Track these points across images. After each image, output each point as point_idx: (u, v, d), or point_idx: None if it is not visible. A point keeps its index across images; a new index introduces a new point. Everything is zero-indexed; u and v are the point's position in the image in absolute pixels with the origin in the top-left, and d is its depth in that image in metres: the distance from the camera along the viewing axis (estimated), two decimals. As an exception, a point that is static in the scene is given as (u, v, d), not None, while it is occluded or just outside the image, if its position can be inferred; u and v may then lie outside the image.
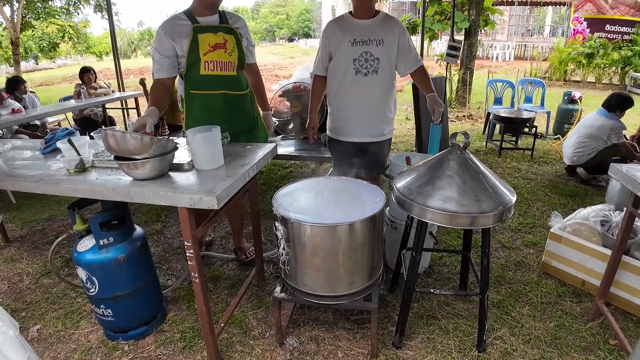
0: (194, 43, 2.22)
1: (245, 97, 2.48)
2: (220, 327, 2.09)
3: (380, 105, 2.56)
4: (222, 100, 2.36)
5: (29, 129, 5.39)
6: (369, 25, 2.44)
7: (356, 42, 2.42)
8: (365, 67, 2.44)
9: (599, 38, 11.98)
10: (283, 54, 27.94)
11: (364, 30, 2.43)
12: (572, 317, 2.30)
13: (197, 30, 2.23)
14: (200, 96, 2.35)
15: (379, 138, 2.63)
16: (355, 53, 2.43)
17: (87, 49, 30.70)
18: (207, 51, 2.24)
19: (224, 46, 2.27)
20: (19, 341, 1.39)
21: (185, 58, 2.24)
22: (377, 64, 2.44)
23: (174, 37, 2.22)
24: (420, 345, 2.12)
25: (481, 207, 1.61)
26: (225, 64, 2.30)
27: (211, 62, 2.26)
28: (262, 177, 4.74)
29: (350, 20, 2.48)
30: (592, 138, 4.13)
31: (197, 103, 2.37)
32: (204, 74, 2.28)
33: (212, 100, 2.35)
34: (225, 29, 2.30)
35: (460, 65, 8.31)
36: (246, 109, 2.51)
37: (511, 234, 3.22)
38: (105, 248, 2.02)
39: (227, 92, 2.36)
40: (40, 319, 2.45)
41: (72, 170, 1.95)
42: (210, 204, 1.52)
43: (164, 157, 1.69)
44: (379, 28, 2.43)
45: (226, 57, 2.29)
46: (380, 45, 2.42)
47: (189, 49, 2.22)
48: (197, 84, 2.32)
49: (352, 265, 1.82)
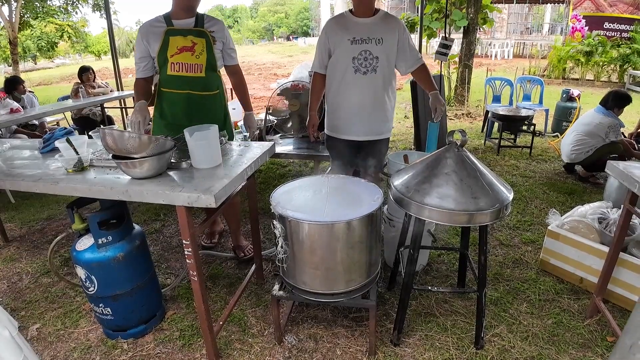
0: (164, 45, 2.40)
1: (212, 98, 2.59)
2: (219, 325, 2.09)
3: (379, 103, 2.56)
4: (185, 99, 2.51)
5: (28, 128, 5.39)
6: (369, 23, 2.45)
7: (355, 41, 2.43)
8: (365, 65, 2.45)
9: (598, 36, 11.98)
10: (282, 53, 27.91)
11: (364, 28, 2.43)
12: (570, 314, 2.31)
13: (169, 33, 2.40)
14: (167, 94, 2.52)
15: (377, 136, 2.64)
16: (354, 51, 2.44)
17: (86, 48, 30.63)
18: (174, 53, 2.41)
19: (191, 49, 2.42)
20: (14, 342, 1.38)
21: (156, 58, 2.45)
22: (376, 62, 2.45)
23: (149, 39, 2.43)
24: (419, 342, 2.12)
25: (478, 205, 1.62)
26: (192, 66, 2.44)
27: (177, 64, 2.42)
28: (261, 176, 4.75)
29: (350, 19, 2.49)
30: (590, 136, 4.13)
31: (164, 100, 2.56)
32: (170, 74, 2.45)
33: (176, 98, 2.51)
34: (196, 32, 2.44)
35: (459, 63, 8.31)
36: (211, 110, 2.61)
37: (509, 232, 3.23)
38: (104, 247, 2.03)
39: (190, 92, 2.50)
40: (39, 318, 2.45)
41: (70, 170, 1.96)
42: (208, 202, 1.53)
43: (162, 155, 1.69)
44: (378, 27, 2.44)
45: (193, 59, 2.43)
46: (380, 44, 2.43)
47: (159, 50, 2.41)
48: (165, 83, 2.50)
49: (350, 263, 1.82)
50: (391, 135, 2.79)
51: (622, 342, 1.43)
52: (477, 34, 8.28)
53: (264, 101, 4.49)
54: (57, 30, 19.43)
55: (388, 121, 2.67)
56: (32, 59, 25.77)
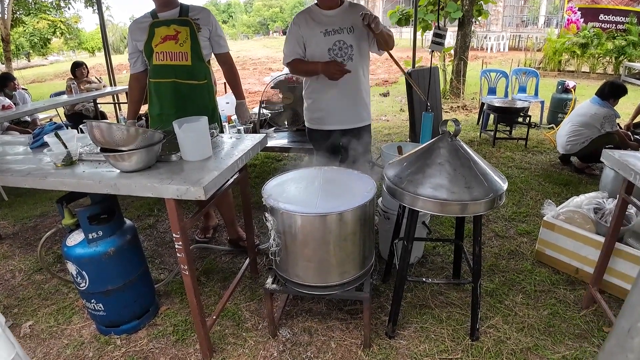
0: (149, 37, 2.46)
1: (200, 87, 2.59)
2: (212, 319, 2.07)
3: (358, 91, 2.59)
4: (171, 88, 2.53)
5: (20, 125, 5.34)
6: (338, 14, 2.47)
7: (328, 32, 2.45)
8: (341, 55, 2.47)
9: (593, 28, 11.94)
10: (277, 47, 27.66)
11: (334, 19, 2.46)
12: (566, 304, 2.30)
13: (154, 25, 2.46)
14: (154, 84, 2.57)
15: (359, 124, 2.67)
16: (329, 43, 2.46)
17: (80, 44, 30.34)
18: (157, 42, 2.45)
19: (174, 37, 2.44)
20: (5, 337, 1.36)
21: (143, 50, 2.50)
22: (351, 51, 2.47)
23: (136, 35, 2.49)
24: (414, 334, 2.11)
25: (472, 195, 1.60)
26: (176, 54, 2.46)
27: (161, 53, 2.46)
28: (255, 170, 4.71)
29: (318, 12, 2.50)
30: (585, 126, 4.12)
31: (152, 90, 2.60)
32: (156, 64, 2.50)
33: (162, 87, 2.55)
34: (179, 21, 2.46)
35: (454, 56, 8.27)
36: (199, 100, 2.61)
37: (505, 223, 3.22)
38: (94, 242, 2.00)
39: (176, 81, 2.51)
40: (32, 315, 2.43)
41: (59, 164, 1.93)
42: (197, 195, 1.50)
43: (150, 148, 1.66)
44: (347, 16, 2.46)
45: (177, 47, 2.45)
46: (352, 32, 2.45)
47: (145, 42, 2.47)
48: (153, 74, 2.55)
49: (343, 255, 1.80)
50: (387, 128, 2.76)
51: (619, 326, 1.39)
52: (472, 26, 8.24)
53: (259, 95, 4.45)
54: (49, 27, 19.25)
55: (367, 107, 2.69)
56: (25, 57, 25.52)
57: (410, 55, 6.00)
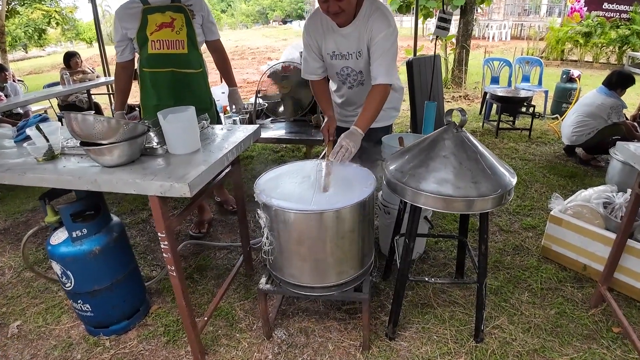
0: (142, 24, 2.32)
1: (196, 76, 2.52)
2: (203, 320, 1.98)
3: None
4: (170, 78, 2.44)
5: (12, 118, 5.22)
6: (348, 33, 2.03)
7: (335, 56, 2.14)
8: (349, 81, 2.24)
9: (597, 16, 11.73)
10: (276, 37, 27.42)
11: (342, 41, 2.07)
12: (573, 303, 2.21)
13: (147, 11, 2.32)
14: (150, 74, 2.45)
15: (385, 123, 2.45)
16: (335, 67, 2.20)
17: (77, 35, 30.03)
18: (153, 30, 2.33)
19: (170, 25, 2.34)
20: None
21: (135, 38, 2.37)
22: (361, 77, 2.19)
23: (126, 22, 2.36)
24: (415, 335, 2.02)
25: (479, 190, 1.48)
26: (173, 42, 2.37)
27: (157, 41, 2.35)
28: (252, 162, 4.60)
29: (328, 24, 2.07)
30: (592, 117, 4.00)
31: (147, 81, 2.48)
32: (151, 53, 2.38)
33: (160, 77, 2.44)
34: (174, 7, 2.35)
35: (456, 44, 8.11)
36: (197, 88, 2.55)
37: (509, 217, 3.11)
38: (79, 240, 1.90)
39: (174, 70, 2.43)
40: (20, 315, 2.35)
41: (40, 159, 1.81)
42: (182, 192, 1.39)
43: (133, 141, 1.55)
44: (357, 36, 2.01)
45: (173, 35, 2.35)
46: (360, 57, 2.07)
47: (138, 29, 2.33)
48: (147, 63, 2.43)
49: (340, 254, 1.69)
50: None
51: None
52: (474, 14, 8.06)
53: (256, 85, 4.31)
54: (44, 17, 18.97)
55: (395, 110, 2.49)
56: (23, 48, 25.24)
57: (410, 44, 5.85)
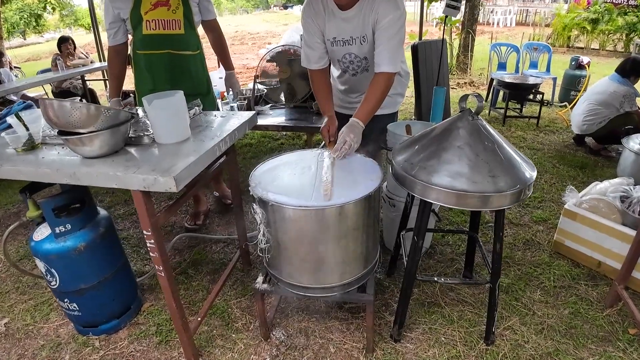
0: (136, 2, 2.20)
1: (193, 58, 2.40)
2: (197, 321, 1.86)
3: None
4: (166, 60, 2.32)
5: (6, 105, 5.06)
6: (351, 17, 1.85)
7: (336, 42, 1.96)
8: (352, 68, 2.06)
9: (604, 3, 11.42)
10: (277, 22, 26.90)
11: (344, 25, 1.89)
12: (588, 302, 2.09)
13: None
14: (144, 56, 2.33)
15: (390, 109, 2.28)
16: (337, 54, 2.02)
17: (76, 21, 29.55)
18: (148, 9, 2.20)
19: (166, 3, 2.21)
20: None
21: (129, 18, 2.23)
22: (366, 63, 2.01)
23: (118, 1, 2.22)
24: (422, 337, 1.90)
25: (497, 185, 1.34)
26: (169, 22, 2.25)
27: (152, 21, 2.22)
28: (251, 150, 4.45)
29: (328, 6, 1.89)
30: (603, 105, 3.84)
31: (142, 63, 2.35)
32: (146, 34, 2.25)
33: (155, 60, 2.32)
34: None
35: (462, 29, 7.89)
36: (194, 71, 2.43)
37: (518, 210, 2.98)
38: (62, 236, 1.77)
39: (171, 52, 2.31)
40: (8, 312, 2.24)
41: (19, 149, 1.67)
42: (167, 186, 1.25)
43: (115, 129, 1.40)
44: (362, 19, 1.84)
45: (169, 14, 2.23)
46: (365, 42, 1.90)
47: (132, 9, 2.20)
48: (141, 44, 2.31)
49: (343, 253, 1.56)
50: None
51: None
52: (480, -2, 7.83)
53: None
54: (39, 2, 18.59)
55: (401, 96, 2.32)
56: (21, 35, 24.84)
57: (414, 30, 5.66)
